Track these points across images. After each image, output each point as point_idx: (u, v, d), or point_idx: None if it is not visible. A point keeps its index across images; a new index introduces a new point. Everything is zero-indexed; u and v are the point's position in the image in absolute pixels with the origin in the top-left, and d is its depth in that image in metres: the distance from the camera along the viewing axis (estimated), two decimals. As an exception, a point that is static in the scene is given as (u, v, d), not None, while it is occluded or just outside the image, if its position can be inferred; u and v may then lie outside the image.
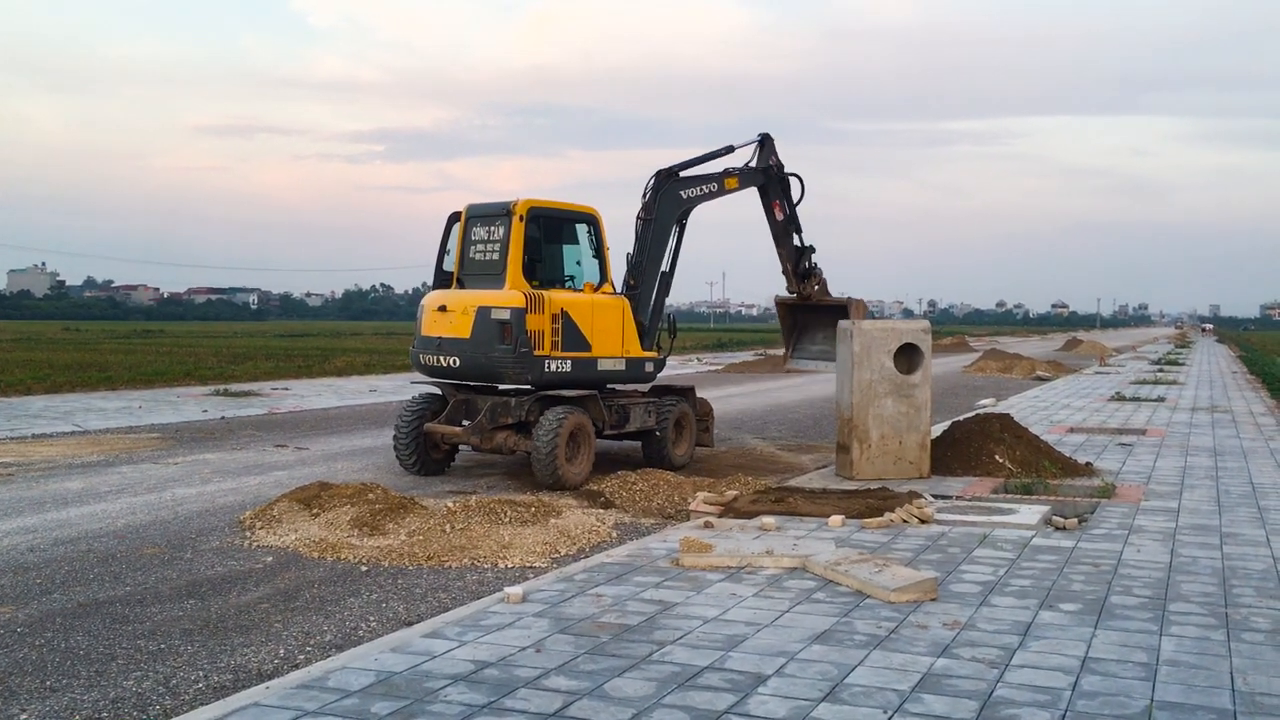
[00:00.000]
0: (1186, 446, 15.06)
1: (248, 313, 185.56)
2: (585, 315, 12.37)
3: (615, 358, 12.66)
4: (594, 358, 12.43)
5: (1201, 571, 7.56)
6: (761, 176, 14.55)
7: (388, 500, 9.63)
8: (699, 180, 13.91)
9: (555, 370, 12.03)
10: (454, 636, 5.93)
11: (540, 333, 11.84)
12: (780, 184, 14.74)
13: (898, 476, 11.70)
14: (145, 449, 14.95)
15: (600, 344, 12.51)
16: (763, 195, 14.74)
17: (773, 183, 14.66)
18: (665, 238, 13.56)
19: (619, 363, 12.69)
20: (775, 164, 14.64)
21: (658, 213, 13.39)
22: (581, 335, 12.28)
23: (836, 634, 5.98)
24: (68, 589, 7.54)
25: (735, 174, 14.24)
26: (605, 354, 12.55)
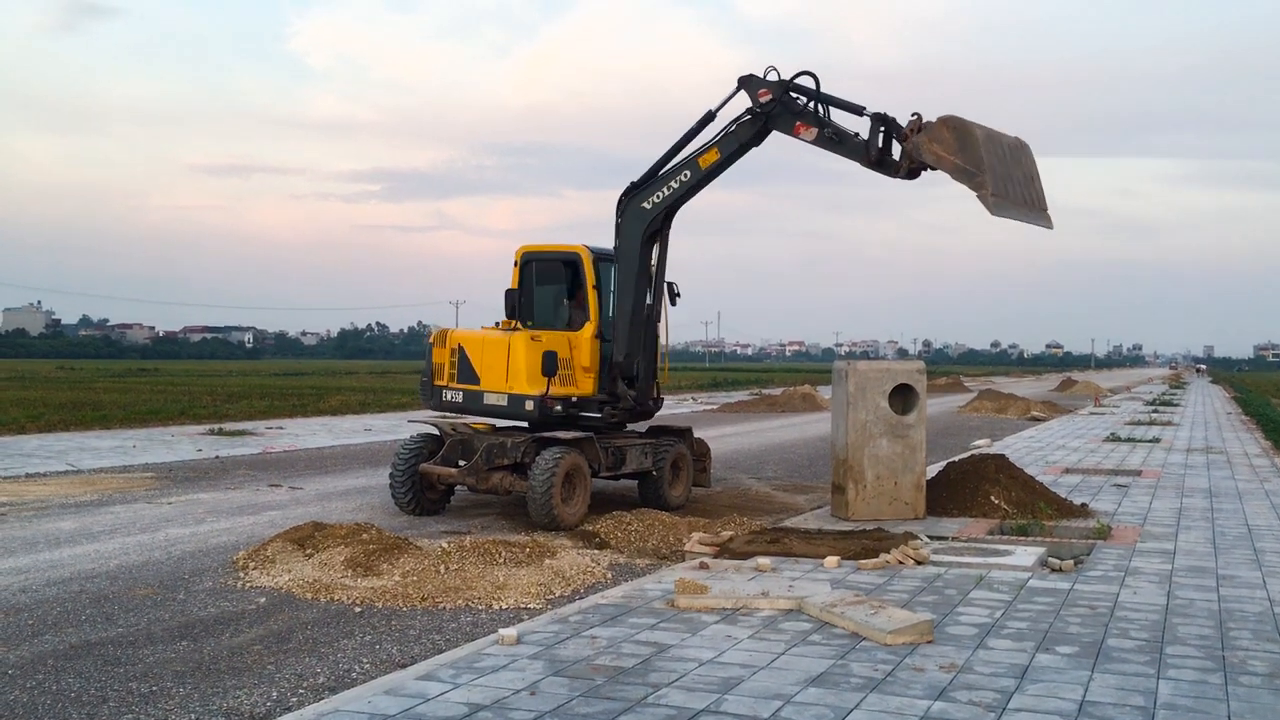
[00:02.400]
0: (1182, 488, 15.06)
1: (243, 351, 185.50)
2: (477, 351, 12.85)
3: (498, 393, 12.69)
4: (480, 391, 12.76)
5: (1198, 614, 7.54)
6: (759, 120, 12.11)
7: (382, 541, 9.60)
8: (663, 179, 12.47)
9: (448, 400, 13.02)
10: (448, 679, 5.90)
11: (441, 365, 13.09)
12: (787, 106, 12.03)
13: (893, 517, 11.68)
14: (139, 488, 14.90)
15: (487, 379, 12.75)
16: (781, 131, 12.13)
17: (778, 114, 12.06)
18: (634, 264, 12.58)
19: (501, 398, 12.71)
20: (769, 94, 12.03)
21: (622, 238, 12.70)
22: (472, 370, 12.83)
23: (833, 676, 5.96)
24: (60, 630, 7.49)
25: (714, 144, 12.26)
26: (490, 389, 12.73)
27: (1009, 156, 11.28)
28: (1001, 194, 10.87)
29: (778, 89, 12.02)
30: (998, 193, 10.78)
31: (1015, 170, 11.28)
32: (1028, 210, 11.38)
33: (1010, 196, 11.05)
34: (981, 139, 10.96)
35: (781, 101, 11.99)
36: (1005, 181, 11.00)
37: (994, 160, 10.94)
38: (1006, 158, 11.22)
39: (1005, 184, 10.99)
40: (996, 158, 11.02)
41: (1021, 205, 11.27)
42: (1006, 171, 11.08)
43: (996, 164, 10.95)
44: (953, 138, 11.05)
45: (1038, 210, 11.51)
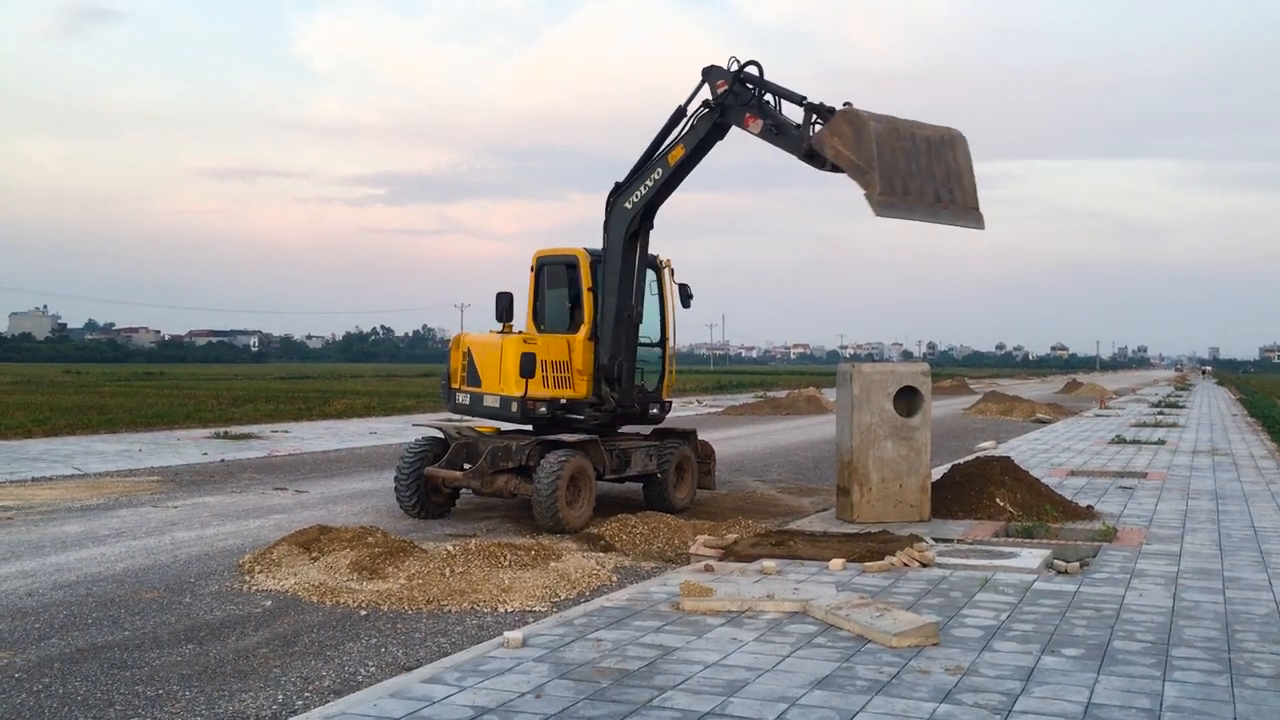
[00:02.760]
0: (1188, 490, 15.03)
1: (248, 355, 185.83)
2: (480, 354, 13.06)
3: (494, 395, 12.83)
4: (481, 393, 12.95)
5: (1204, 616, 7.53)
6: (714, 113, 11.90)
7: (387, 544, 9.61)
8: (639, 178, 12.45)
9: (460, 402, 13.33)
10: (454, 682, 5.91)
11: (455, 368, 13.43)
12: (739, 97, 11.77)
13: (898, 519, 11.67)
14: (145, 492, 14.93)
15: (486, 381, 12.94)
16: (734, 123, 11.87)
17: (730, 105, 11.82)
18: (616, 265, 12.58)
19: (496, 400, 12.87)
20: (724, 85, 11.80)
21: (607, 239, 12.66)
22: (477, 373, 13.08)
23: (838, 679, 5.96)
24: (66, 634, 7.51)
25: (679, 140, 12.18)
26: (488, 391, 12.90)
27: (922, 151, 10.58)
28: (893, 193, 10.27)
29: (730, 79, 11.75)
30: (887, 192, 10.23)
31: (932, 166, 10.63)
32: (937, 209, 10.66)
33: (913, 195, 10.44)
34: (876, 134, 10.32)
35: (733, 92, 11.75)
36: (907, 179, 10.38)
37: (891, 157, 10.37)
38: (915, 153, 10.54)
39: (906, 181, 10.38)
40: (898, 154, 10.43)
41: (929, 204, 10.62)
42: (911, 168, 10.44)
43: (896, 161, 10.39)
44: (850, 132, 10.50)
45: (959, 209, 10.78)
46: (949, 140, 10.79)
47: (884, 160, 10.28)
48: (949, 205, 10.72)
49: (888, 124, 10.48)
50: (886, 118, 10.60)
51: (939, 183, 10.61)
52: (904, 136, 10.50)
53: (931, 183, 10.59)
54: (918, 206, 10.52)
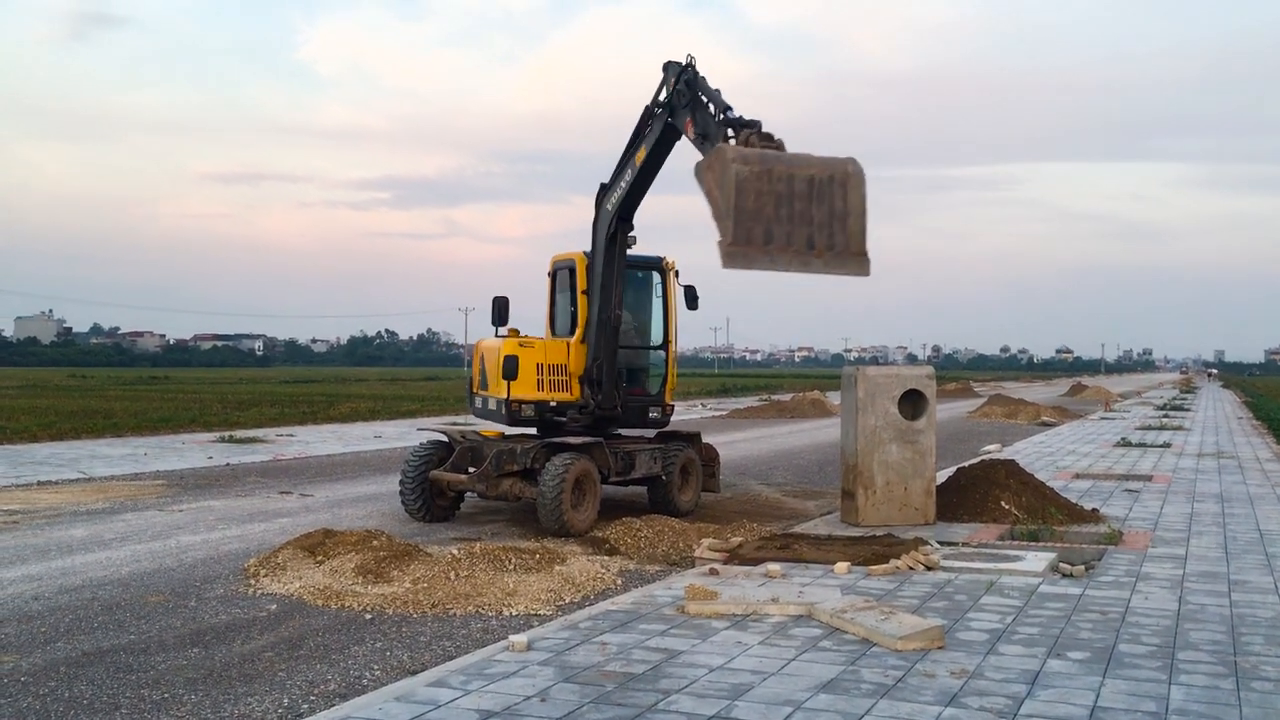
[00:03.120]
0: (1193, 493, 15.01)
1: (253, 359, 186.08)
2: (488, 359, 13.28)
3: (495, 398, 13.03)
4: (487, 396, 13.22)
5: (1210, 619, 7.52)
6: (666, 114, 11.71)
7: (392, 547, 9.62)
8: (616, 178, 12.43)
9: (476, 405, 13.63)
10: (459, 685, 5.91)
11: (475, 374, 13.78)
12: (681, 98, 11.52)
13: (903, 523, 11.66)
14: (150, 496, 14.95)
15: (490, 385, 13.16)
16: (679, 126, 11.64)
17: (676, 108, 11.61)
18: (599, 268, 12.54)
19: (492, 402, 13.10)
20: (675, 86, 11.61)
21: (593, 241, 12.65)
22: (486, 377, 13.38)
23: (843, 683, 5.95)
24: (72, 638, 7.52)
25: (643, 141, 12.09)
26: (490, 394, 13.14)
27: (800, 194, 9.94)
28: (748, 243, 9.76)
29: (676, 78, 11.54)
30: (740, 241, 9.73)
31: (810, 210, 10.00)
32: (807, 258, 10.06)
33: (776, 243, 9.87)
34: (739, 177, 9.76)
35: (678, 92, 11.51)
36: (772, 225, 9.82)
37: (755, 203, 9.80)
38: (790, 197, 9.91)
39: (771, 229, 9.82)
40: (765, 198, 9.83)
41: (796, 253, 9.98)
42: (781, 214, 9.85)
43: (761, 206, 9.82)
44: (719, 170, 9.99)
45: (838, 255, 10.12)
46: (840, 179, 10.10)
47: (743, 207, 9.76)
48: (825, 252, 10.07)
49: (759, 165, 9.87)
50: (762, 156, 9.99)
51: (816, 228, 10.00)
52: (777, 179, 9.89)
53: (806, 228, 9.99)
54: (781, 256, 9.93)
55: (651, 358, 13.71)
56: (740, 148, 10.21)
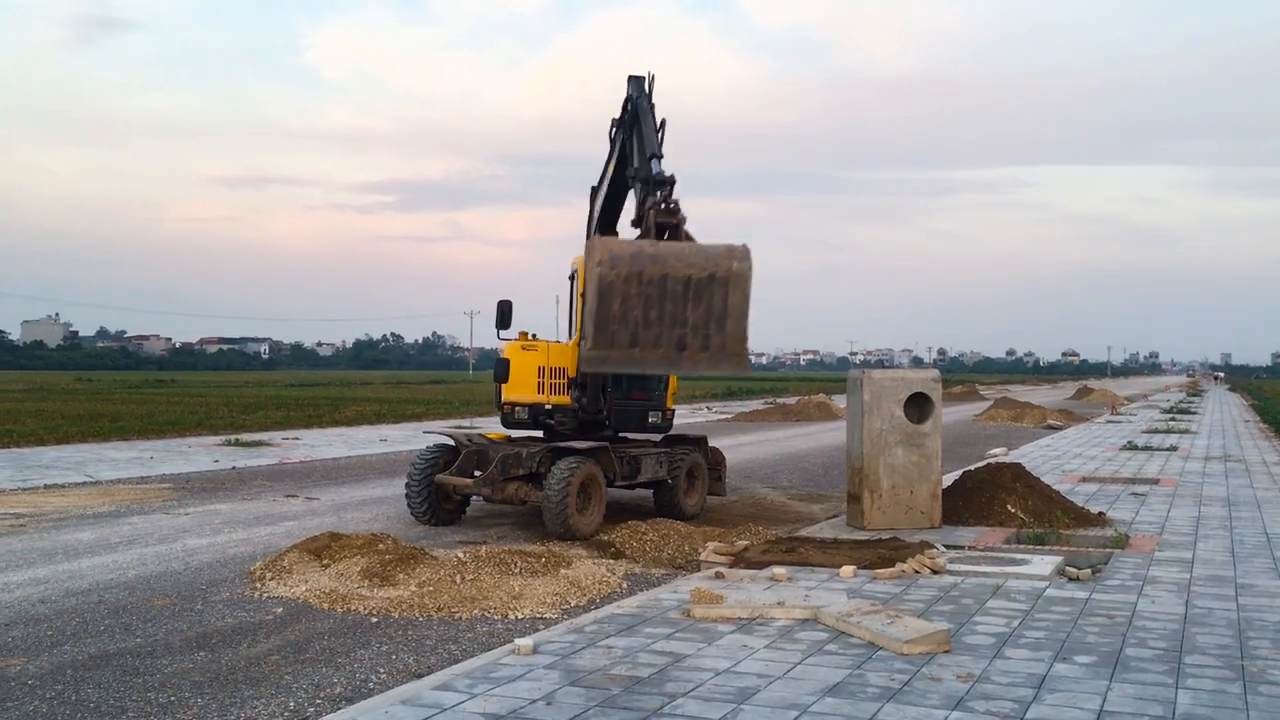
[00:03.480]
0: (1200, 496, 14.97)
1: (259, 362, 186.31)
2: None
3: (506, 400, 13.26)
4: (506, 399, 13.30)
5: (1217, 623, 7.50)
6: (620, 134, 11.87)
7: (398, 551, 9.63)
8: (599, 182, 12.64)
9: (506, 411, 13.41)
10: (465, 689, 5.91)
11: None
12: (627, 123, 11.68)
13: (909, 526, 11.65)
14: (157, 499, 14.97)
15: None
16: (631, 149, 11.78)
17: (624, 124, 11.75)
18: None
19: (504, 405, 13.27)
20: (625, 109, 11.81)
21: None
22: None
23: (849, 686, 5.95)
24: (79, 641, 7.53)
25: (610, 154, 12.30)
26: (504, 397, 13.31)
27: (674, 294, 9.68)
28: (610, 346, 9.64)
29: (627, 101, 11.63)
30: (602, 345, 9.65)
31: (684, 311, 9.76)
32: (676, 359, 9.90)
33: (642, 346, 9.72)
34: (602, 283, 9.58)
35: (627, 114, 11.69)
36: (639, 329, 9.65)
37: (622, 306, 9.65)
38: (663, 298, 9.68)
39: (637, 331, 9.66)
40: (632, 300, 9.64)
41: (664, 354, 9.82)
42: (649, 316, 9.65)
43: (628, 308, 9.65)
44: (590, 265, 9.87)
45: (713, 355, 9.88)
46: (721, 279, 9.78)
47: (607, 312, 9.63)
48: (698, 353, 9.87)
49: (628, 268, 9.64)
50: (634, 256, 9.74)
51: (690, 329, 9.77)
52: (648, 282, 9.64)
53: (678, 330, 9.78)
54: (646, 357, 9.83)
55: None
56: (615, 245, 9.90)
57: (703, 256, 9.75)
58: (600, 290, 9.63)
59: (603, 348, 9.71)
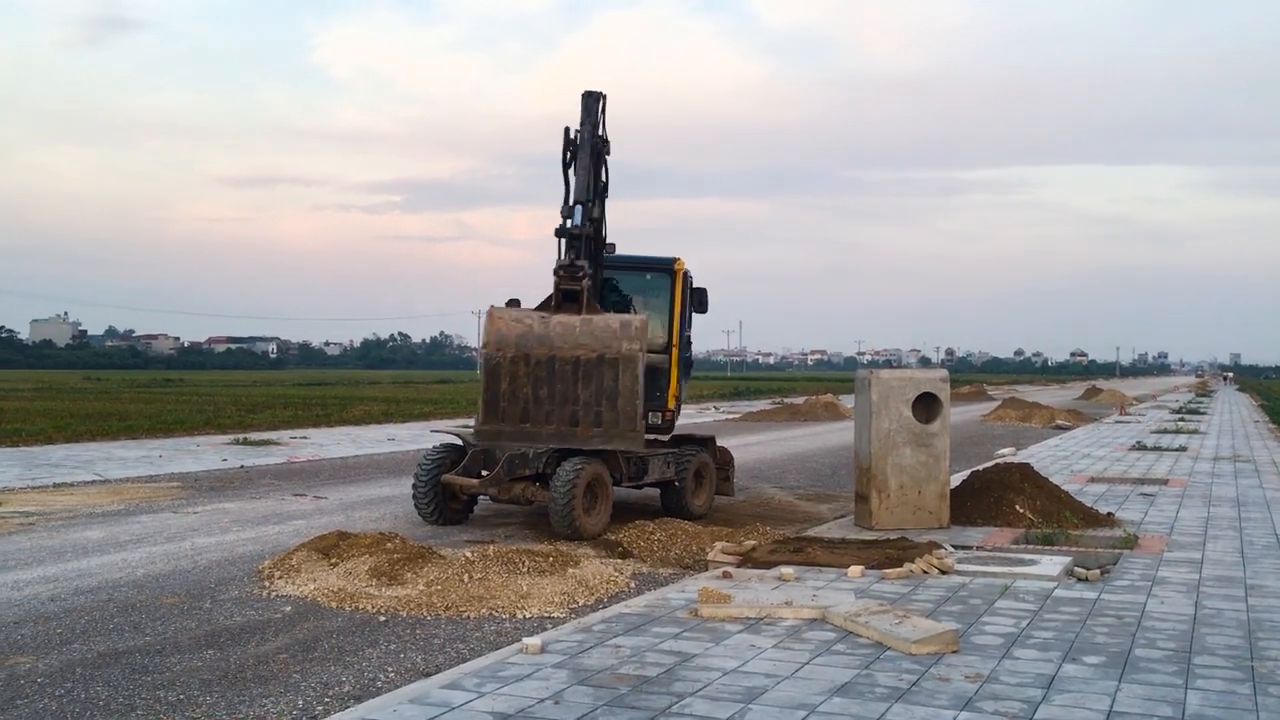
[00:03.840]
0: (1209, 497, 14.93)
1: (267, 362, 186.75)
2: None
3: None
4: None
5: (1226, 624, 7.48)
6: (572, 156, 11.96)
7: (406, 550, 9.64)
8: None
9: None
10: (473, 688, 5.92)
11: None
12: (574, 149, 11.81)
13: (917, 526, 11.64)
14: (165, 498, 15.01)
15: None
16: None
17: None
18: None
19: None
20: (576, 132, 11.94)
21: None
22: None
23: (857, 686, 5.94)
24: (88, 639, 7.56)
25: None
26: None
27: (563, 375, 10.10)
28: (500, 420, 10.09)
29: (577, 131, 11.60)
30: (491, 419, 10.10)
31: (574, 389, 10.19)
32: (566, 433, 10.40)
33: (533, 422, 10.21)
34: (489, 365, 9.97)
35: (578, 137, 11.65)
36: (529, 405, 10.11)
37: (510, 384, 10.12)
38: (551, 378, 10.12)
39: (528, 408, 10.10)
40: (520, 379, 10.09)
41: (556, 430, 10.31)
42: (539, 394, 10.07)
43: (516, 386, 10.12)
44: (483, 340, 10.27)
45: (605, 432, 10.40)
46: (610, 360, 10.02)
47: (496, 390, 9.95)
48: (590, 429, 10.20)
49: (515, 348, 9.91)
50: (524, 335, 9.96)
51: (581, 405, 10.04)
52: (535, 363, 9.91)
53: (569, 406, 10.07)
54: (540, 433, 10.24)
55: (655, 362, 13.25)
56: (504, 324, 10.12)
57: (592, 336, 9.96)
58: (488, 370, 9.97)
59: (494, 423, 10.11)
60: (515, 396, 9.85)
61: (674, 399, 13.52)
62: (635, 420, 9.69)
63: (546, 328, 9.88)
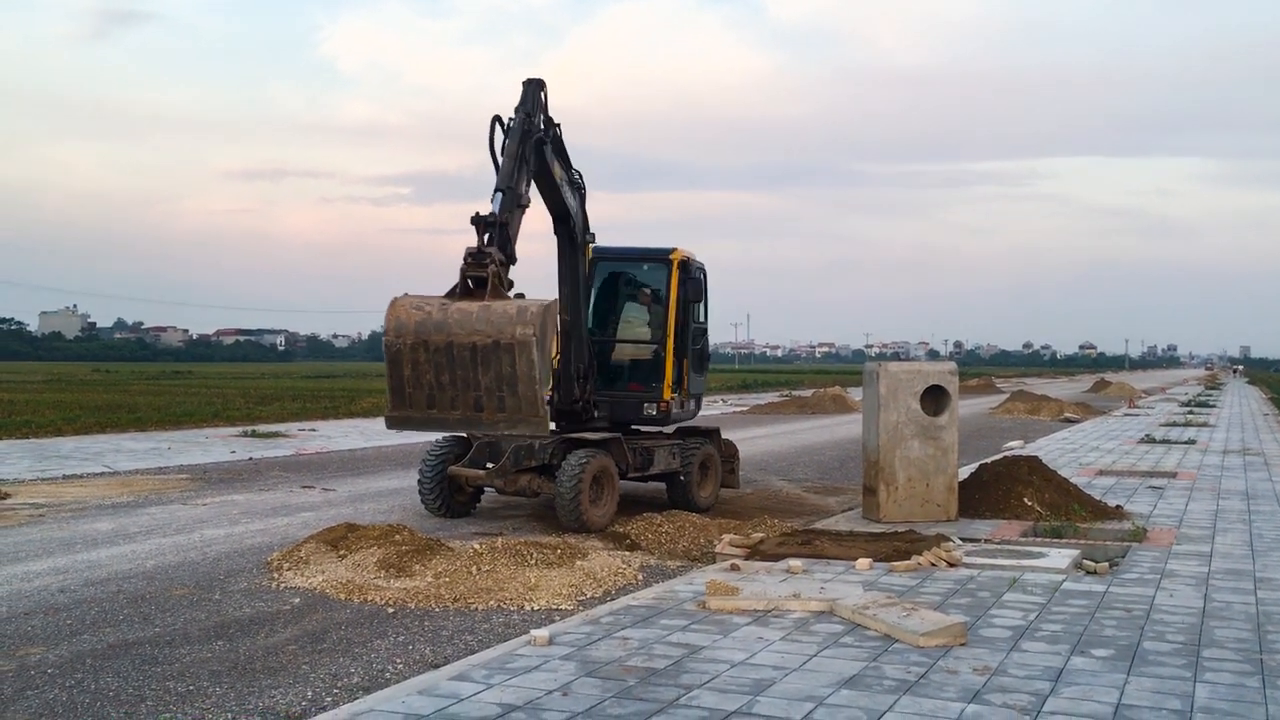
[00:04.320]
0: (1218, 490, 14.89)
1: (275, 354, 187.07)
2: None
3: None
4: None
5: (1235, 617, 7.46)
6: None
7: (414, 542, 9.65)
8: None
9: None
10: (481, 679, 5.93)
11: None
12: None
13: (925, 519, 11.62)
14: (174, 490, 15.05)
15: None
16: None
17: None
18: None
19: None
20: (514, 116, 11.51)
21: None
22: None
23: (865, 679, 5.94)
24: (98, 630, 7.58)
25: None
26: None
27: (462, 361, 9.97)
28: (408, 406, 10.11)
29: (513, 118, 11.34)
30: (399, 406, 10.14)
31: (475, 375, 10.02)
32: (474, 418, 10.23)
33: (440, 408, 10.10)
34: (391, 352, 10.01)
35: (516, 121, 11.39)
36: (434, 391, 10.03)
37: (413, 370, 10.02)
38: (452, 364, 10.00)
39: (433, 394, 10.03)
40: (423, 366, 10.00)
41: (463, 414, 10.17)
42: (443, 380, 9.99)
43: (420, 373, 10.02)
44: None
45: (509, 416, 10.11)
46: (505, 346, 9.96)
47: (400, 376, 10.01)
48: (495, 414, 10.18)
49: (414, 335, 9.97)
50: (423, 323, 9.99)
51: (484, 392, 10.07)
52: (434, 349, 9.97)
53: (472, 391, 10.09)
54: (447, 418, 10.24)
55: (649, 353, 13.38)
56: (404, 312, 10.09)
57: (488, 322, 9.99)
58: (389, 358, 10.07)
59: (401, 409, 10.17)
60: (420, 383, 9.97)
61: (669, 389, 13.26)
62: (537, 406, 9.72)
63: (445, 314, 9.96)
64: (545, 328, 9.68)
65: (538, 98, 11.50)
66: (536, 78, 11.61)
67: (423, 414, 10.20)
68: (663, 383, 13.16)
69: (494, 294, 10.11)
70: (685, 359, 13.35)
